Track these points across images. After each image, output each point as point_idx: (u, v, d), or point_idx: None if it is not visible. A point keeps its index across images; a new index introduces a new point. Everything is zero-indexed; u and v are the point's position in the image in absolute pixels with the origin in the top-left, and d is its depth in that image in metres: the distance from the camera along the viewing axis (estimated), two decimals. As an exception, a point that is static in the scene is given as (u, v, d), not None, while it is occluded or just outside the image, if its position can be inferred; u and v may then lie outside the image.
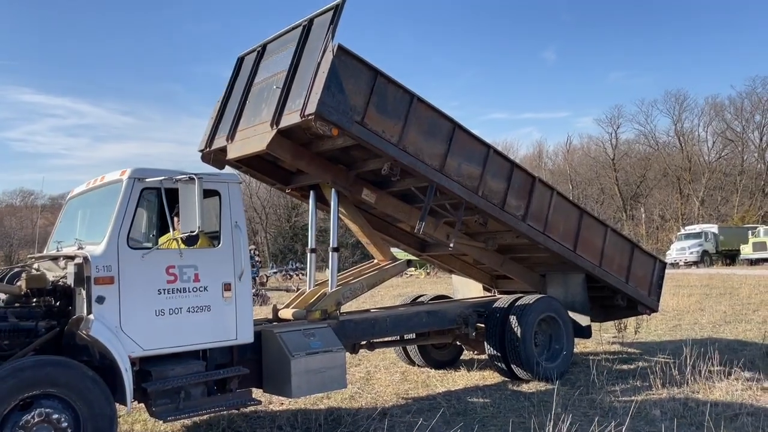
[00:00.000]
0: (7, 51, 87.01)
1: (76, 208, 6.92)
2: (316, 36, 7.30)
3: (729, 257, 39.62)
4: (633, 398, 7.46)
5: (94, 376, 5.33)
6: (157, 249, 5.94)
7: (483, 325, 9.13)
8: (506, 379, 9.01)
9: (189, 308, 5.90)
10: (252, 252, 27.34)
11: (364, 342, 8.39)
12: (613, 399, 7.58)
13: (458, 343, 10.11)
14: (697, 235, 39.94)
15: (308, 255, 8.72)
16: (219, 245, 6.23)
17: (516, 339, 8.71)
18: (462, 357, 10.63)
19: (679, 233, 43.10)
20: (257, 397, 6.59)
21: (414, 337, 9.40)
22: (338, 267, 8.24)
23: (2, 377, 4.98)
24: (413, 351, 10.15)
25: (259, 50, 8.36)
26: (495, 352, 8.96)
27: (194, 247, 6.04)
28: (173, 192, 5.84)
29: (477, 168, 8.45)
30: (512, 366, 8.82)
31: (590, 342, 11.33)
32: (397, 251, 10.29)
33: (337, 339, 7.02)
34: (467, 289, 11.32)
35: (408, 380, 9.41)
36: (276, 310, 7.86)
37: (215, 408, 6.16)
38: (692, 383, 8.02)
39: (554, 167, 68.27)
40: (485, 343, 9.10)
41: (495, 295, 10.58)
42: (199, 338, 6.01)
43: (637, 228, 57.99)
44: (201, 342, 6.04)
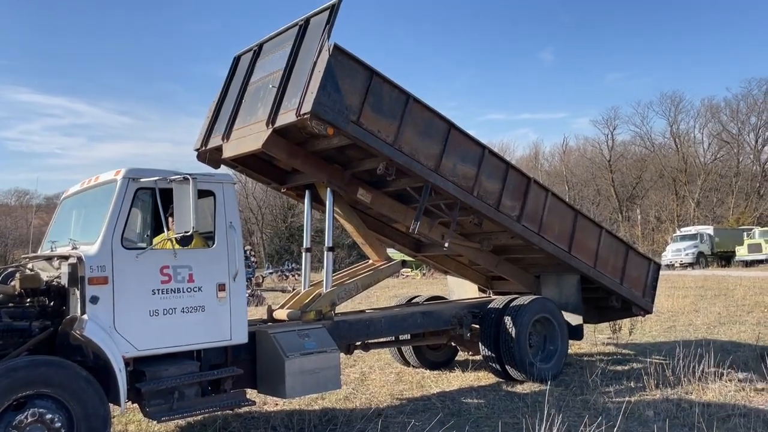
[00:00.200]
0: (4, 50, 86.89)
1: (71, 208, 6.91)
2: (313, 35, 7.30)
3: (724, 259, 39.69)
4: (626, 399, 7.49)
5: (88, 377, 5.33)
6: (152, 249, 5.94)
7: (478, 326, 9.13)
8: (500, 380, 9.03)
9: (183, 308, 5.90)
10: (248, 252, 27.33)
11: (359, 343, 8.43)
12: (607, 400, 7.60)
13: (453, 344, 10.13)
14: (693, 237, 39.99)
15: (303, 255, 8.74)
16: (213, 245, 6.24)
17: (510, 340, 8.72)
18: (457, 358, 10.62)
19: (675, 235, 43.16)
20: (251, 398, 6.58)
21: (409, 338, 9.44)
22: (334, 267, 8.26)
23: None
24: (408, 352, 10.16)
25: (256, 49, 8.35)
26: (489, 353, 8.97)
27: (189, 248, 6.04)
28: (168, 192, 5.83)
29: (472, 168, 8.46)
30: (506, 367, 8.84)
31: (584, 343, 11.37)
32: (393, 252, 10.32)
33: (332, 340, 7.03)
34: (462, 290, 11.33)
35: (403, 381, 9.43)
36: (271, 311, 7.88)
37: (209, 408, 6.17)
38: (685, 384, 8.05)
39: (551, 168, 68.43)
40: (480, 344, 9.11)
41: (490, 296, 10.59)
42: (194, 338, 6.01)
43: (633, 229, 58.11)
44: (195, 342, 6.04)
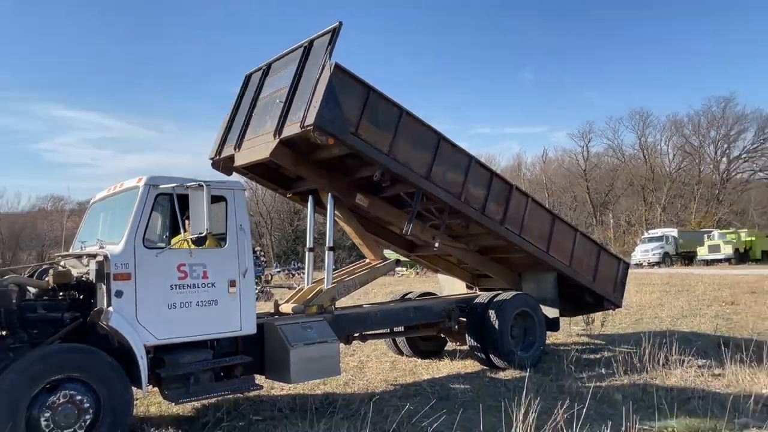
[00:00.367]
0: (45, 70, 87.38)
1: (98, 212, 6.93)
2: (316, 55, 7.36)
3: (687, 258, 39.67)
4: (598, 384, 7.48)
5: (113, 363, 5.36)
6: (170, 249, 5.97)
7: (465, 319, 9.15)
8: (485, 368, 9.03)
9: (198, 302, 5.93)
10: (258, 253, 27.25)
11: (357, 334, 8.41)
12: (580, 385, 7.60)
13: (442, 336, 10.11)
14: (659, 239, 40.05)
15: (306, 254, 8.75)
16: (225, 246, 6.26)
17: (494, 331, 8.74)
18: (446, 348, 10.61)
19: (643, 237, 43.15)
20: (260, 383, 6.60)
21: (403, 330, 9.42)
22: (335, 266, 8.25)
23: (32, 362, 5.03)
24: (402, 342, 10.16)
25: (265, 68, 8.41)
26: (475, 344, 8.99)
27: (203, 248, 6.07)
28: (184, 197, 5.88)
29: (460, 176, 8.50)
30: (490, 356, 8.85)
31: (561, 334, 11.39)
32: (389, 252, 10.33)
33: (332, 331, 7.04)
34: (451, 287, 11.33)
35: (397, 368, 9.42)
36: (277, 305, 7.88)
37: (222, 392, 6.19)
38: (651, 371, 8.05)
39: (532, 177, 68.24)
40: (466, 335, 9.13)
41: (476, 292, 10.59)
42: (207, 329, 6.03)
43: (606, 232, 58.08)
44: (209, 333, 6.06)
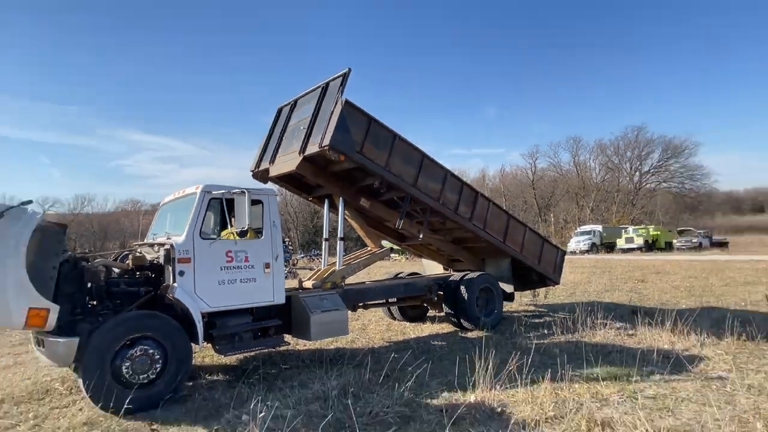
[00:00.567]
0: (124, 103, 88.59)
1: (166, 211, 6.91)
2: (331, 93, 7.35)
3: (609, 247, 39.62)
4: (541, 341, 7.51)
5: (177, 325, 5.36)
6: (220, 239, 5.96)
7: (442, 293, 9.14)
8: (457, 329, 9.04)
9: (241, 279, 5.93)
10: (286, 243, 27.15)
11: (361, 304, 8.38)
12: (528, 342, 7.60)
13: (425, 305, 10.10)
14: (588, 233, 40.05)
15: (323, 243, 8.73)
16: (262, 237, 6.24)
17: (464, 302, 8.75)
18: (428, 314, 10.63)
19: (576, 231, 43.25)
20: (287, 341, 6.60)
21: (395, 301, 9.40)
22: (345, 252, 8.24)
23: (117, 324, 5.03)
24: (394, 310, 10.17)
25: (292, 103, 8.38)
26: (450, 311, 8.99)
27: (245, 239, 6.07)
28: (231, 201, 5.90)
29: (438, 185, 8.48)
30: (461, 320, 8.85)
31: (514, 304, 11.38)
32: (385, 242, 10.30)
33: (342, 302, 7.04)
34: (432, 269, 11.30)
35: (390, 330, 9.43)
36: (301, 282, 7.86)
37: (259, 347, 6.19)
38: (581, 331, 8.07)
39: (493, 186, 67.99)
40: (443, 305, 9.12)
41: (451, 273, 10.55)
42: (248, 300, 6.03)
43: (549, 228, 58.08)
44: (249, 302, 6.06)
